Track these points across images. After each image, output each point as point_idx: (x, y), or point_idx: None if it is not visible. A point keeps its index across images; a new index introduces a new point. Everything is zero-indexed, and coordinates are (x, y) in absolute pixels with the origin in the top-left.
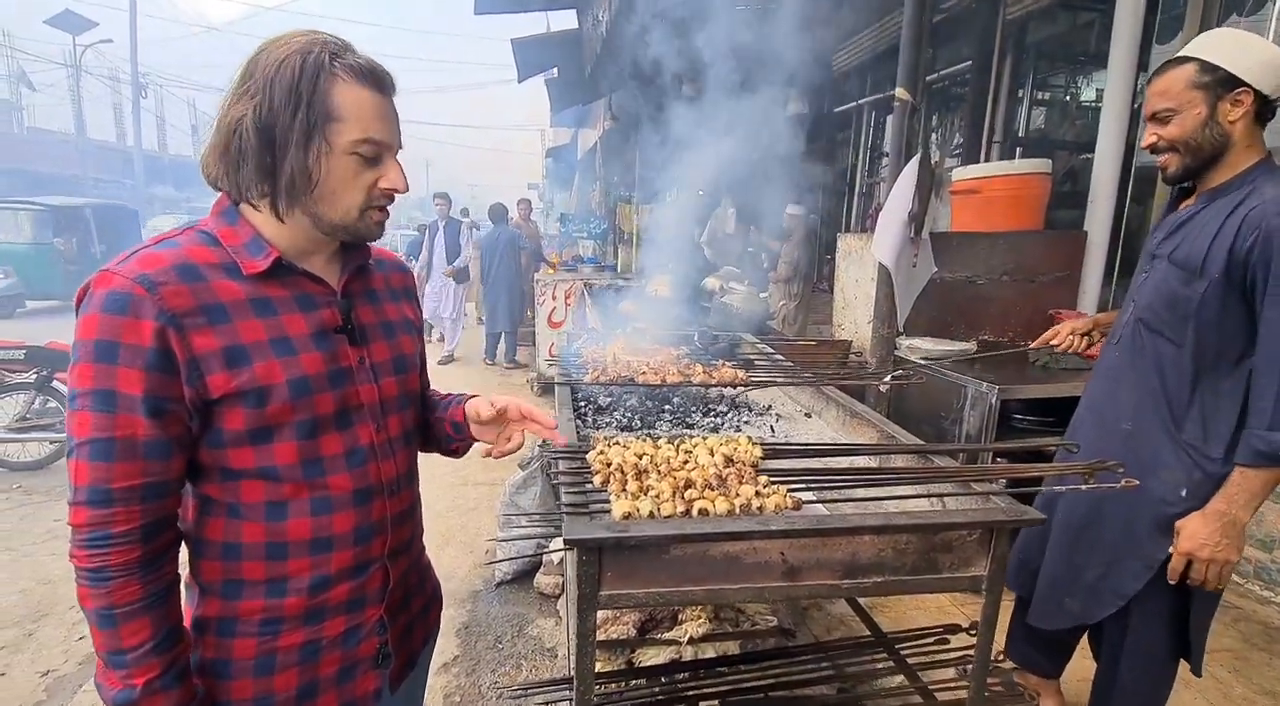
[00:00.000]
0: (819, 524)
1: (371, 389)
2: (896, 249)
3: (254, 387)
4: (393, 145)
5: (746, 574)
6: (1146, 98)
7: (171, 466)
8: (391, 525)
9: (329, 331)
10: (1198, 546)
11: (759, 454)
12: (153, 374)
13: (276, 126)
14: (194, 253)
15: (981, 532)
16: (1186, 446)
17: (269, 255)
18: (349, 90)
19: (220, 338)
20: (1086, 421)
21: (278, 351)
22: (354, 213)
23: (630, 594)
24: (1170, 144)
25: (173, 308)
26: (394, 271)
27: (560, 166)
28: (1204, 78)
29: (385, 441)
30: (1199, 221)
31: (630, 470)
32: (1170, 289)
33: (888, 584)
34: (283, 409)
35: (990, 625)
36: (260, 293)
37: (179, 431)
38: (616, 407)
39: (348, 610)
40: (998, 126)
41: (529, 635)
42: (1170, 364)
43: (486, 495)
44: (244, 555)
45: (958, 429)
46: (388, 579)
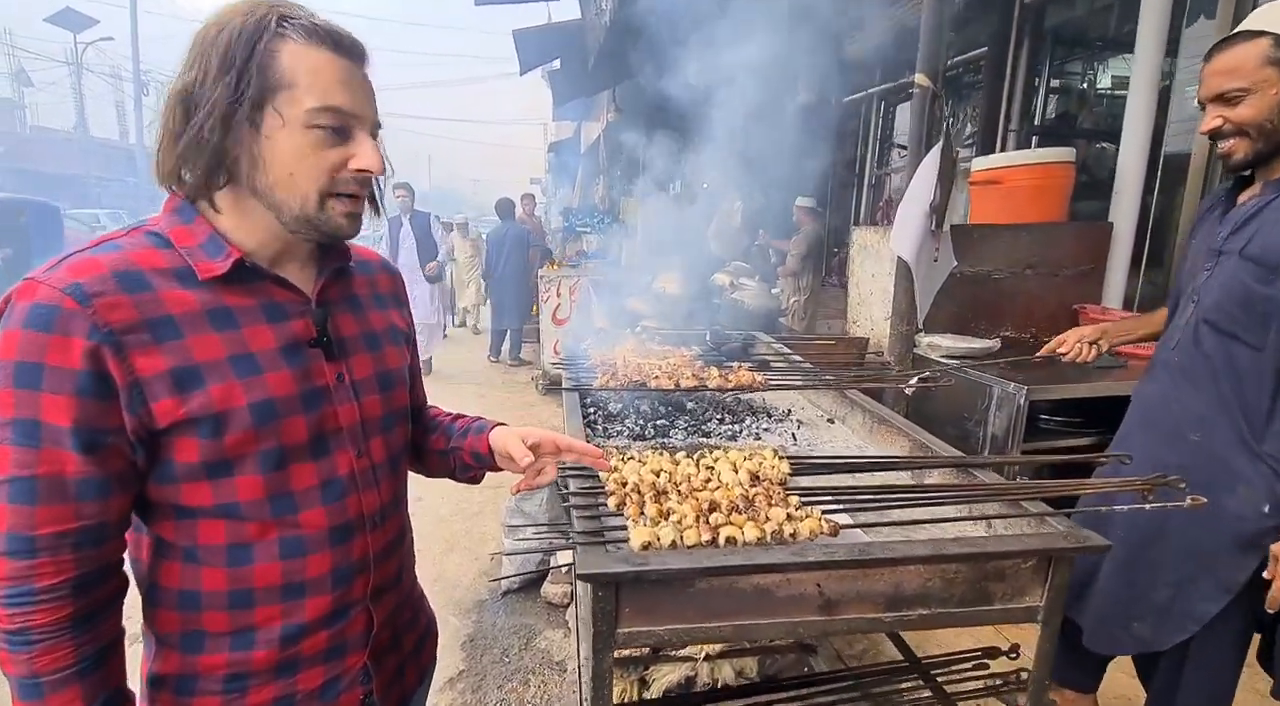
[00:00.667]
0: (861, 553)
1: (352, 409)
2: (917, 243)
3: (208, 414)
4: (363, 117)
5: (779, 607)
6: (1206, 78)
7: (110, 507)
8: (375, 562)
9: (301, 345)
10: None
11: (786, 470)
12: (85, 401)
13: (213, 99)
14: (139, 257)
15: (1039, 560)
16: (1269, 460)
17: (228, 256)
18: (302, 52)
19: (168, 357)
20: (1140, 433)
21: (239, 371)
22: (313, 199)
23: (651, 631)
24: (1239, 127)
25: (110, 323)
26: (380, 273)
27: (563, 161)
28: (1278, 53)
29: (368, 468)
30: (1272, 212)
31: (648, 490)
32: (1245, 287)
33: (935, 617)
34: (244, 437)
35: (1046, 662)
36: (218, 301)
37: (119, 466)
38: (628, 414)
39: (326, 659)
40: (1014, 114)
41: (537, 647)
42: (1247, 369)
43: (492, 498)
44: (204, 604)
45: (982, 431)
46: (371, 621)
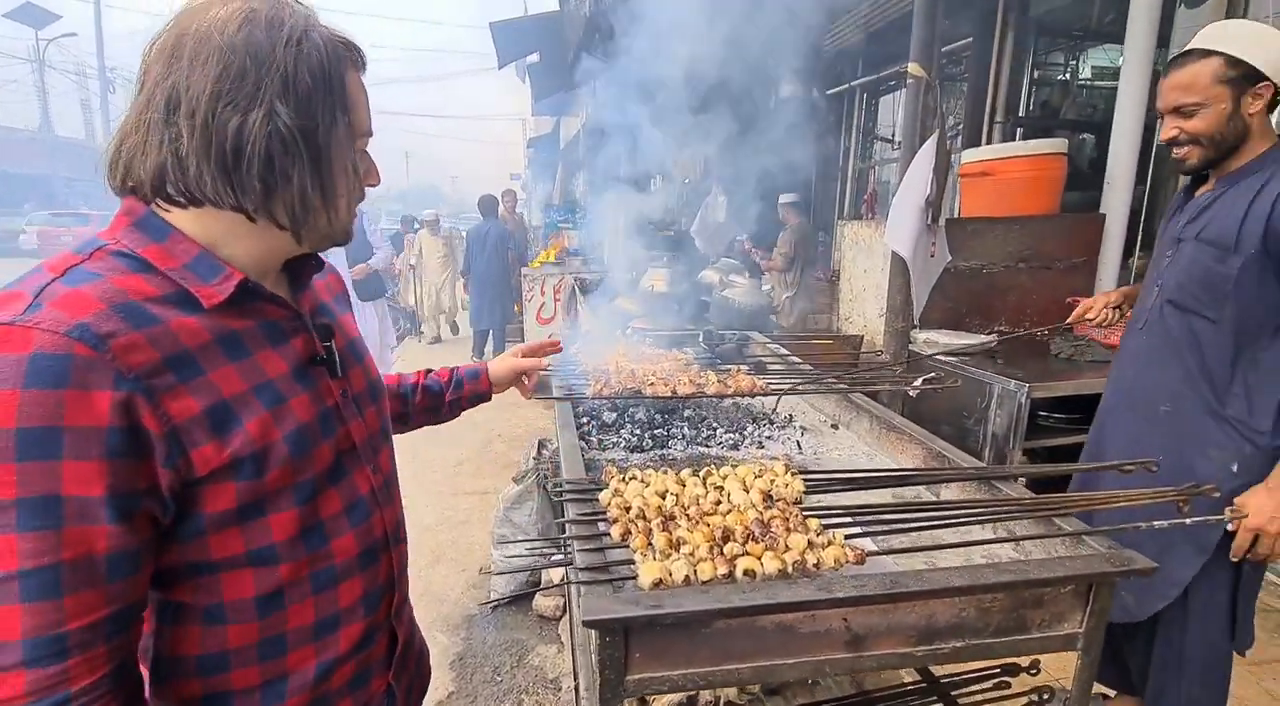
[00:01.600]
0: (892, 586)
1: (360, 425)
2: (914, 237)
3: (250, 453)
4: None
5: (803, 646)
6: (1163, 91)
7: (141, 582)
8: (398, 579)
9: (306, 364)
10: (1267, 520)
11: (801, 488)
12: (118, 463)
13: (307, 125)
14: (125, 284)
15: (1079, 585)
16: (1233, 422)
17: (229, 278)
18: (357, 79)
19: (198, 397)
20: (1119, 409)
21: (265, 401)
22: (351, 213)
23: (664, 677)
24: (1193, 137)
25: (134, 367)
26: (329, 274)
27: (543, 156)
28: (1230, 72)
29: (382, 483)
30: (1224, 203)
31: (654, 516)
32: (1204, 267)
33: (969, 649)
34: (283, 473)
35: (1085, 692)
36: (225, 328)
37: (148, 534)
38: (623, 424)
39: (352, 688)
40: (999, 106)
41: (530, 665)
42: (1209, 341)
43: (479, 505)
44: (232, 664)
45: (982, 429)
46: (395, 641)
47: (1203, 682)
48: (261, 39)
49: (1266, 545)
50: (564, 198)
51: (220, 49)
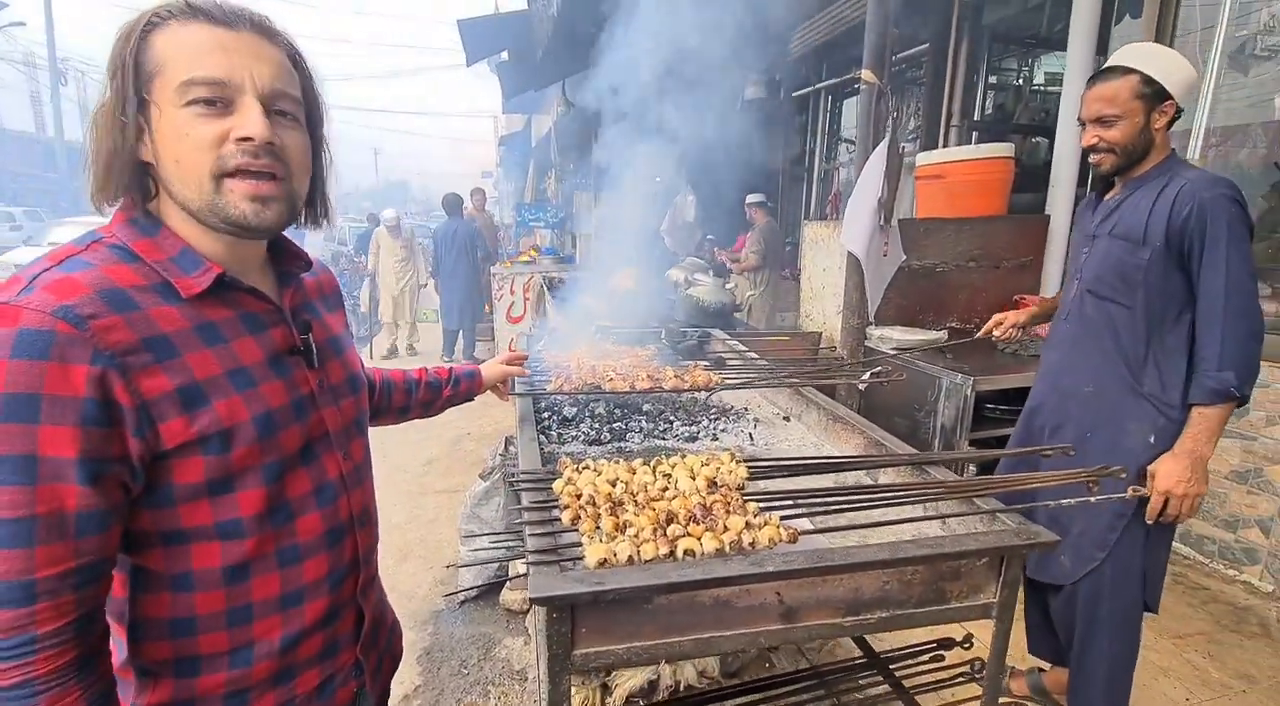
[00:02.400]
0: (819, 561)
1: (334, 413)
2: (867, 237)
3: (216, 431)
4: (241, 83)
5: (739, 619)
6: (1087, 102)
7: (109, 541)
8: (363, 559)
9: (283, 355)
10: (1174, 483)
11: (744, 474)
12: (90, 430)
13: (109, 108)
14: (115, 273)
15: (992, 557)
16: (1149, 397)
17: (208, 271)
18: (171, 33)
19: (172, 377)
20: (1048, 392)
21: (237, 385)
22: (207, 184)
23: (609, 651)
24: (1110, 146)
25: (111, 346)
26: (322, 274)
27: (514, 154)
28: (1145, 89)
29: (353, 469)
30: (1131, 203)
31: (604, 502)
32: (1117, 258)
33: (894, 619)
34: (249, 451)
35: (1000, 656)
36: (203, 317)
37: (118, 497)
38: (583, 418)
39: (321, 660)
40: (955, 110)
41: (496, 657)
42: (1124, 326)
43: (447, 504)
44: (200, 628)
45: (932, 421)
46: (362, 617)
47: (1120, 638)
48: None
49: (1174, 506)
50: (535, 196)
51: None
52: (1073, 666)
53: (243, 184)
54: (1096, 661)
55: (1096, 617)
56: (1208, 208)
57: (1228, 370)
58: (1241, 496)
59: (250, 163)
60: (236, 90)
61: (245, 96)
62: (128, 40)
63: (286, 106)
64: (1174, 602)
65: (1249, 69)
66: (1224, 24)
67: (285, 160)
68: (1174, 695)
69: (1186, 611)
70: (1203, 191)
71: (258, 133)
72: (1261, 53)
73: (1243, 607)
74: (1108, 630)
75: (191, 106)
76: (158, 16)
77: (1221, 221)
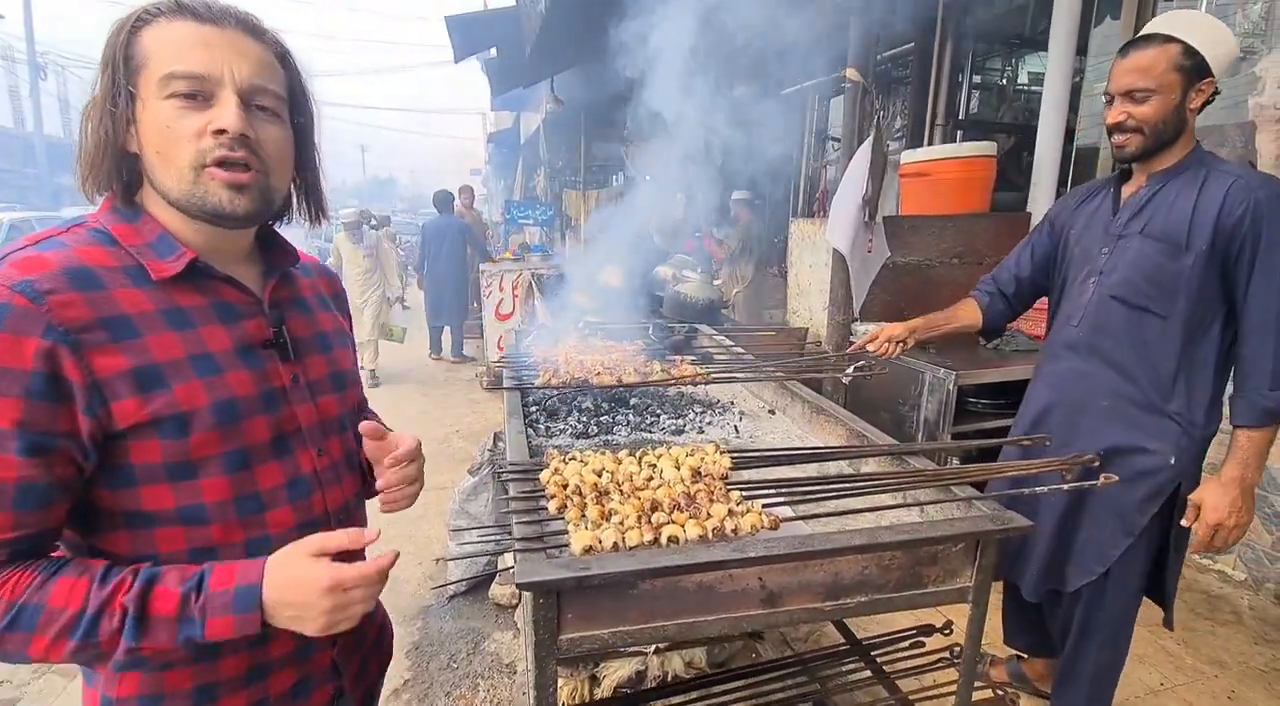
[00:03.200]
0: (799, 546)
1: (309, 409)
2: (851, 234)
3: (172, 414)
4: (221, 77)
5: (722, 603)
6: (1117, 74)
7: (50, 515)
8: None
9: (255, 346)
10: (1225, 515)
11: (728, 464)
12: (34, 403)
13: (98, 102)
14: (86, 254)
15: (968, 543)
16: (1173, 416)
17: (182, 256)
18: (158, 29)
19: (128, 356)
20: (1054, 404)
21: (199, 370)
22: (186, 174)
23: (595, 636)
24: (1139, 124)
25: (65, 322)
26: (320, 276)
27: (503, 151)
28: (1186, 62)
29: (329, 466)
30: (1164, 199)
31: (590, 492)
32: (1154, 263)
33: (873, 603)
34: (207, 438)
35: (976, 640)
36: (171, 302)
37: (66, 474)
38: (571, 412)
39: (295, 661)
40: (940, 109)
41: (485, 651)
42: (1155, 336)
43: (435, 500)
44: None
45: (916, 415)
46: None
47: (1112, 645)
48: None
49: (1222, 537)
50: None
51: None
52: (1063, 665)
53: (220, 173)
54: (1085, 664)
55: (1090, 624)
56: (1264, 207)
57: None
58: None
59: (227, 155)
60: (216, 84)
61: (224, 90)
62: (118, 35)
63: (266, 102)
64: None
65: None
66: None
67: (261, 154)
68: (1149, 680)
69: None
70: (1259, 190)
71: (231, 125)
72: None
73: (1216, 596)
74: (1099, 637)
75: (172, 99)
76: (148, 13)
77: (1278, 223)
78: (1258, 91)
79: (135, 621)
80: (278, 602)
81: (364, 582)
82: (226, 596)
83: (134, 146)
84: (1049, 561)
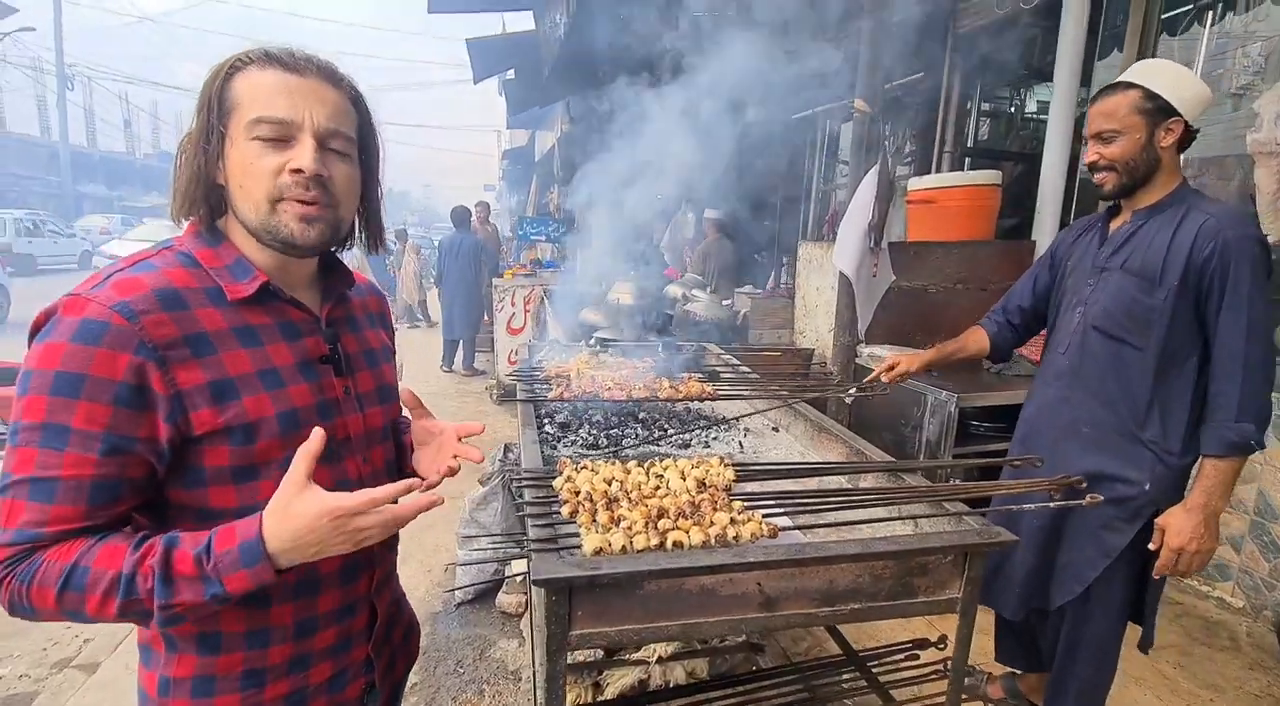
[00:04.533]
0: (796, 553)
1: (358, 419)
2: (857, 258)
3: (242, 423)
4: (301, 122)
5: (722, 606)
6: (1090, 118)
7: (115, 510)
8: (378, 559)
9: (313, 361)
10: (1187, 541)
11: (731, 476)
12: (120, 410)
13: (194, 137)
14: (175, 276)
15: (956, 555)
16: (1149, 444)
17: (255, 279)
18: (248, 77)
19: (206, 371)
20: (1042, 429)
21: (266, 384)
22: (264, 206)
23: (603, 632)
24: (1110, 163)
25: (156, 340)
26: (370, 296)
27: (518, 168)
28: (1146, 104)
29: (371, 473)
30: (1144, 235)
31: (600, 498)
32: (1130, 297)
33: (866, 610)
34: (271, 445)
35: (965, 647)
36: (243, 320)
37: (138, 474)
38: (582, 425)
39: (334, 653)
40: (948, 137)
41: (491, 658)
42: (1132, 367)
43: (446, 509)
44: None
45: (918, 436)
46: (375, 615)
47: (1096, 664)
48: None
49: (1185, 563)
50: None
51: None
52: (1051, 683)
53: (294, 207)
54: (1072, 681)
55: (1076, 642)
56: (1232, 248)
57: (1247, 421)
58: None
59: (301, 193)
60: (296, 128)
61: (304, 133)
62: (214, 80)
63: (338, 144)
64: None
65: (1224, 106)
66: (1201, 62)
67: (332, 189)
68: (1144, 702)
69: (1161, 624)
70: (1227, 230)
71: (307, 166)
72: (1236, 90)
73: (1214, 622)
74: (1086, 655)
75: (256, 141)
76: (240, 62)
77: (1246, 264)
78: (1255, 127)
79: (162, 581)
80: (293, 544)
81: (364, 509)
82: (232, 554)
83: (221, 179)
84: (1033, 581)
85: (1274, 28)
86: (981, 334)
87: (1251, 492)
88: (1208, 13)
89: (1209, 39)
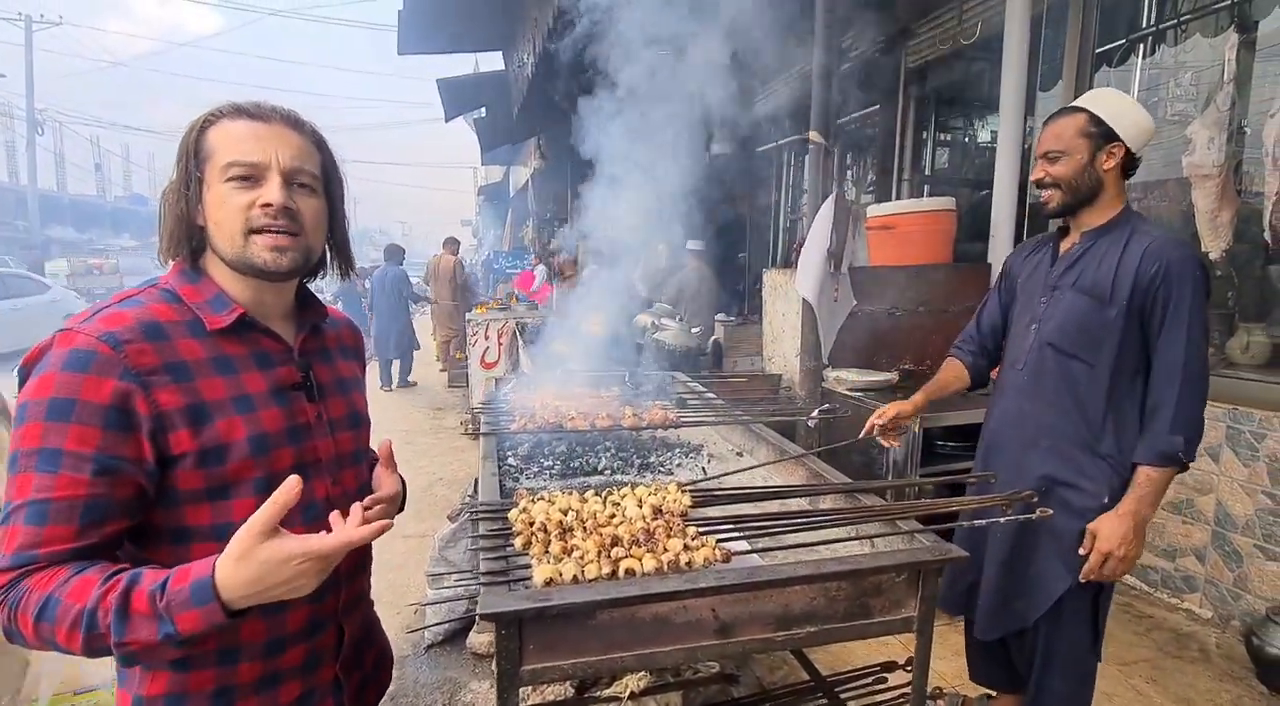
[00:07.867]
0: (747, 577)
1: (329, 443)
2: (818, 284)
3: (215, 444)
4: (266, 163)
5: (677, 634)
6: (1039, 138)
7: (104, 530)
8: (345, 579)
9: (285, 388)
10: (1115, 545)
11: (688, 502)
12: (109, 432)
13: (175, 186)
14: (158, 310)
15: (909, 573)
16: (1105, 457)
17: (233, 311)
18: (221, 127)
19: (184, 396)
20: (1002, 446)
21: (239, 408)
22: (239, 239)
23: (556, 666)
24: (1055, 181)
25: (139, 367)
26: (344, 328)
27: (493, 204)
28: (1091, 128)
29: (340, 494)
30: (1093, 256)
31: (554, 529)
32: (1082, 314)
33: (823, 633)
34: (243, 465)
35: (924, 666)
36: (220, 350)
37: (127, 494)
38: (545, 456)
39: (302, 673)
40: (906, 165)
41: (461, 701)
42: (1085, 383)
43: (416, 548)
44: None
45: (885, 457)
46: (342, 636)
47: (1070, 677)
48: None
49: (1111, 567)
50: (513, 244)
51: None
52: (1028, 702)
53: (265, 238)
54: (1049, 698)
55: (1050, 658)
56: (1174, 268)
57: (1179, 434)
58: (1177, 526)
59: (270, 223)
60: (265, 168)
61: (271, 172)
62: (190, 133)
63: (305, 180)
64: (1120, 630)
65: (1161, 132)
66: (1135, 91)
67: (300, 220)
68: None
69: (1132, 638)
70: (1171, 251)
71: (276, 200)
72: (1172, 118)
73: (1184, 634)
74: (1059, 670)
75: (229, 182)
76: (213, 115)
77: (1187, 284)
78: (1189, 151)
79: (118, 616)
80: (250, 589)
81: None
82: (184, 593)
83: (201, 220)
84: (1004, 598)
85: (1202, 58)
86: (959, 367)
87: (1210, 503)
88: (1139, 45)
89: (1144, 70)
